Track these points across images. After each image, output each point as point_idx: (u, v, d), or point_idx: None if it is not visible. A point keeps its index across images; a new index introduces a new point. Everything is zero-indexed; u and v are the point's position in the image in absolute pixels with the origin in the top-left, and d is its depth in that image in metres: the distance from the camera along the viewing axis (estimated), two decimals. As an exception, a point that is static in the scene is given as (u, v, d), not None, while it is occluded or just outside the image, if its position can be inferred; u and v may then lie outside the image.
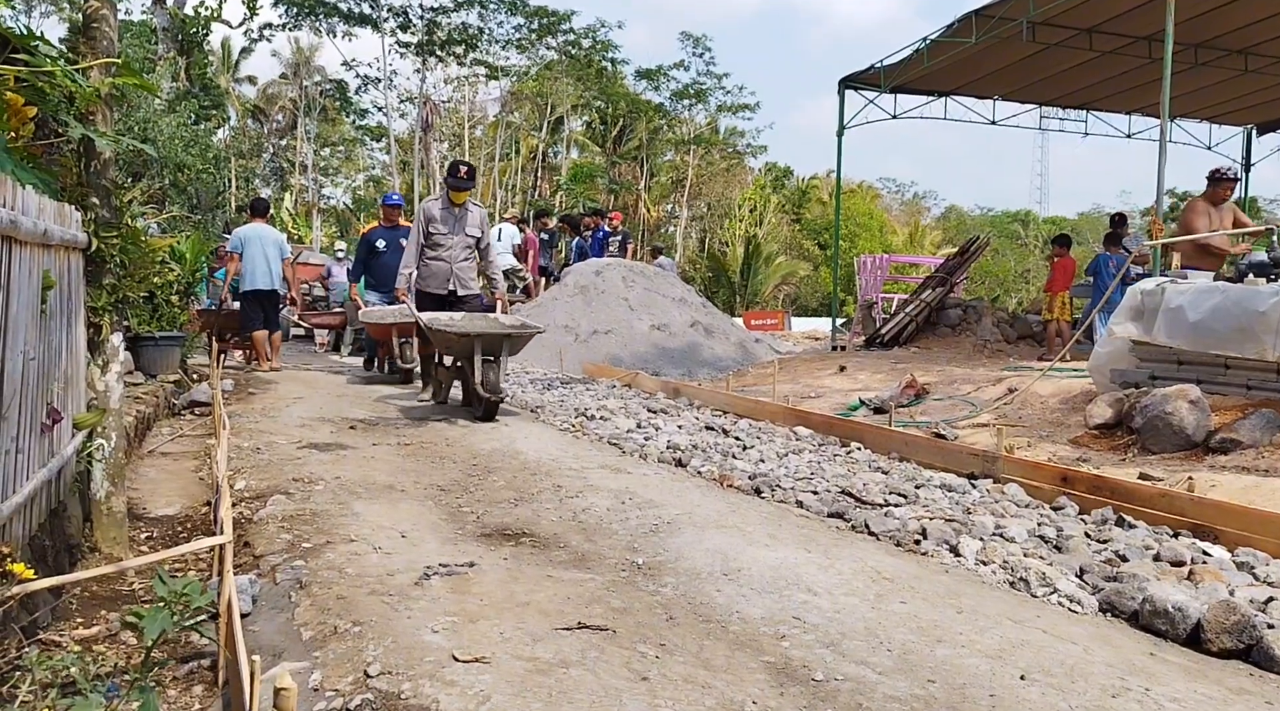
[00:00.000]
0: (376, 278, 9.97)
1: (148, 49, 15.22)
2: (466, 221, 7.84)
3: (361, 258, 10.11)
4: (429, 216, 7.78)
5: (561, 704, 2.25)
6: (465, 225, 7.83)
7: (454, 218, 7.80)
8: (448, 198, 7.82)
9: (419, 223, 7.82)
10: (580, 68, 32.22)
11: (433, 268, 7.86)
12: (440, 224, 7.75)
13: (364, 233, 10.19)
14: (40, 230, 2.77)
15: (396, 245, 9.59)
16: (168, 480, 5.04)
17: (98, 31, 3.66)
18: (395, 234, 9.85)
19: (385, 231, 10.12)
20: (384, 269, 9.76)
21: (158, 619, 1.74)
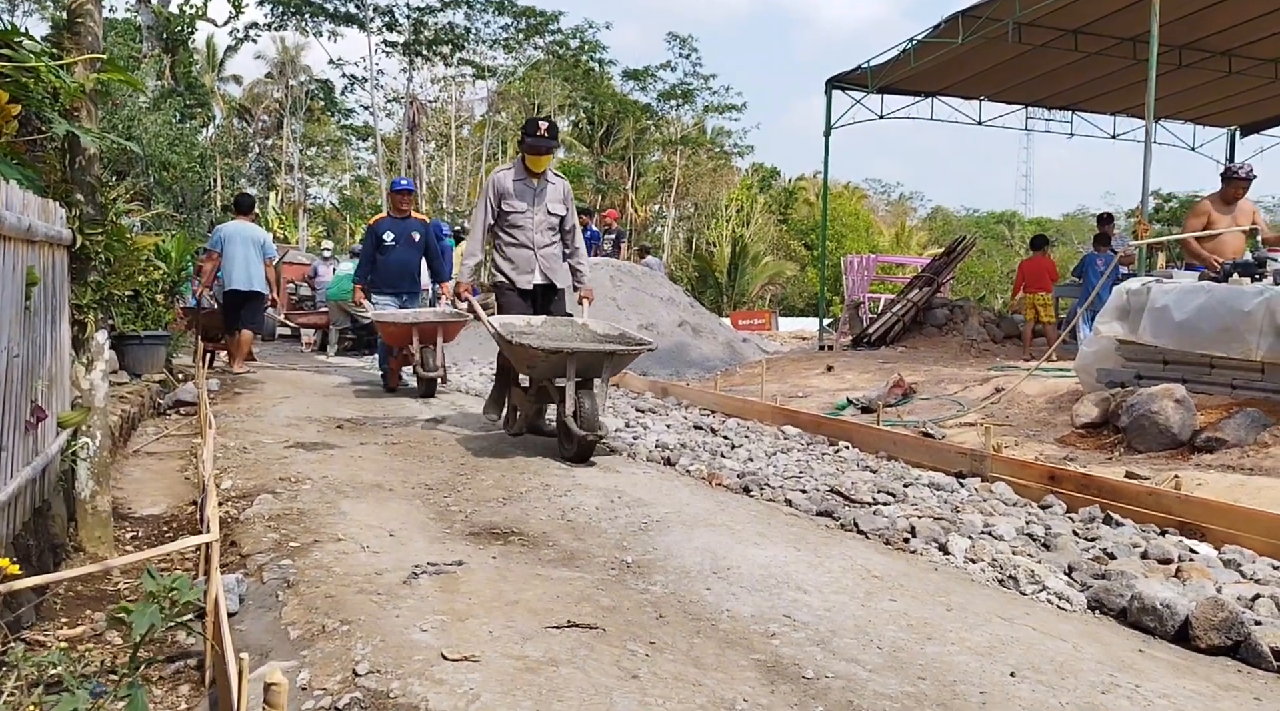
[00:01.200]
0: (382, 276, 8.90)
1: (132, 47, 15.14)
2: (547, 195, 6.32)
3: (369, 254, 8.91)
4: (500, 189, 6.21)
5: (551, 702, 2.24)
6: (546, 200, 6.32)
7: (532, 191, 6.26)
8: (523, 165, 6.25)
9: (486, 198, 6.27)
10: (567, 68, 32.20)
11: (510, 254, 6.30)
12: (516, 199, 6.20)
13: (370, 224, 9.14)
14: (25, 226, 2.74)
15: (406, 239, 8.87)
16: (153, 479, 5.00)
17: (82, 27, 3.62)
18: (405, 227, 8.92)
19: (393, 223, 8.97)
20: (391, 266, 8.85)
21: (146, 614, 1.72)
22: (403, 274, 8.97)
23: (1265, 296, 6.20)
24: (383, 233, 8.87)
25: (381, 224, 9.00)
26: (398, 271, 8.89)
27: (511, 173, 6.29)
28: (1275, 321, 6.08)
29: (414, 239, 8.94)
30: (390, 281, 8.89)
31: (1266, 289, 6.36)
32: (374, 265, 8.88)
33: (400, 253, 8.86)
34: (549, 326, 5.93)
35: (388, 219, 9.06)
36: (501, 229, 6.30)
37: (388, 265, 8.86)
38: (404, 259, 8.94)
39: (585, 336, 5.83)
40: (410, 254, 8.98)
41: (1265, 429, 5.77)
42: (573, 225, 6.47)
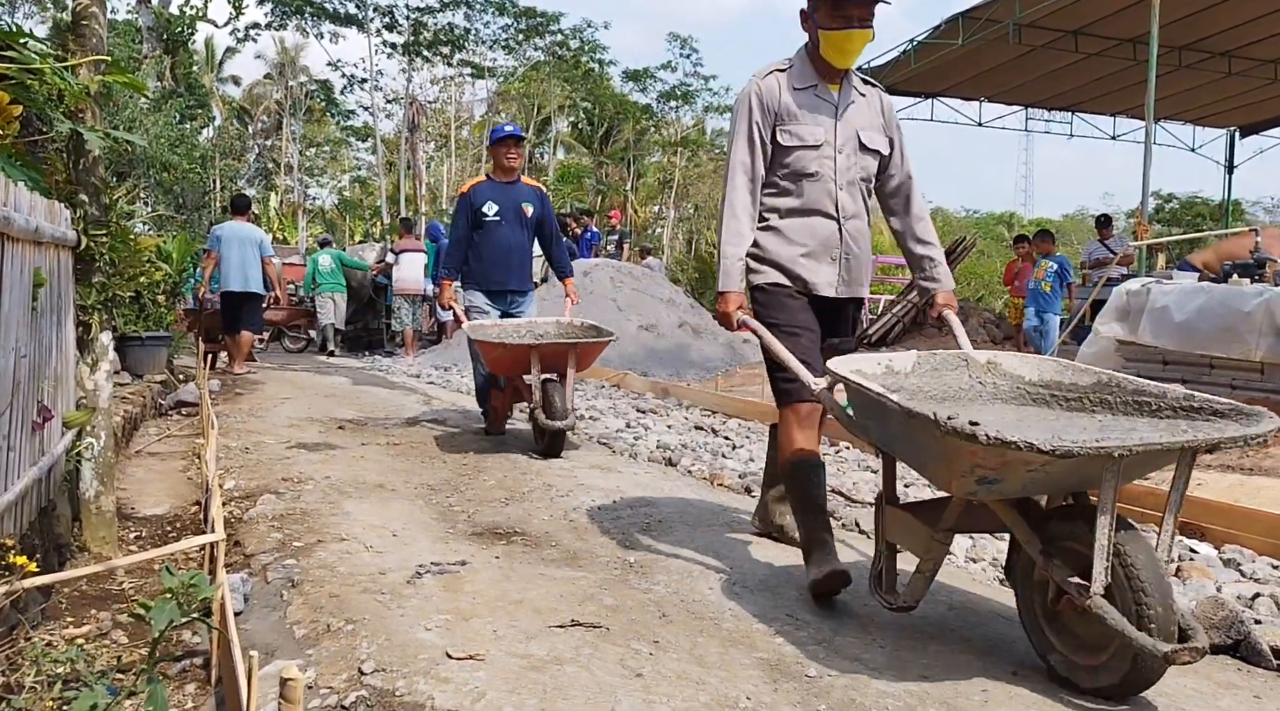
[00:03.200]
0: (481, 268, 6.31)
1: (133, 48, 15.15)
2: None
3: (462, 235, 6.30)
4: (771, 104, 3.40)
5: (556, 700, 2.25)
6: None
7: None
8: None
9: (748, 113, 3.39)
10: (567, 69, 32.20)
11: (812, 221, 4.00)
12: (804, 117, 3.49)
13: (463, 191, 6.44)
14: (32, 227, 2.76)
15: (515, 213, 6.30)
16: (156, 480, 5.02)
17: (87, 29, 3.65)
18: (514, 195, 6.33)
19: (497, 189, 6.33)
20: (494, 253, 6.26)
21: (165, 610, 1.73)
22: (510, 263, 6.32)
23: (1265, 297, 6.22)
24: (482, 203, 6.25)
25: (480, 191, 6.33)
26: (502, 260, 6.29)
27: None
28: (1275, 322, 6.10)
29: (525, 213, 6.33)
30: (491, 275, 6.30)
31: (1266, 290, 6.38)
32: (470, 251, 6.34)
33: (507, 232, 6.27)
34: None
35: (488, 183, 6.37)
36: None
37: (489, 250, 6.26)
38: (511, 242, 6.32)
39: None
40: (519, 235, 6.35)
41: (1265, 429, 5.78)
42: None
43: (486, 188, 6.32)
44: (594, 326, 6.00)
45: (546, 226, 6.50)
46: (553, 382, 5.52)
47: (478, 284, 6.33)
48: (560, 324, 6.10)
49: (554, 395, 5.45)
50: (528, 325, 6.02)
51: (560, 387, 5.48)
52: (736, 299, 3.37)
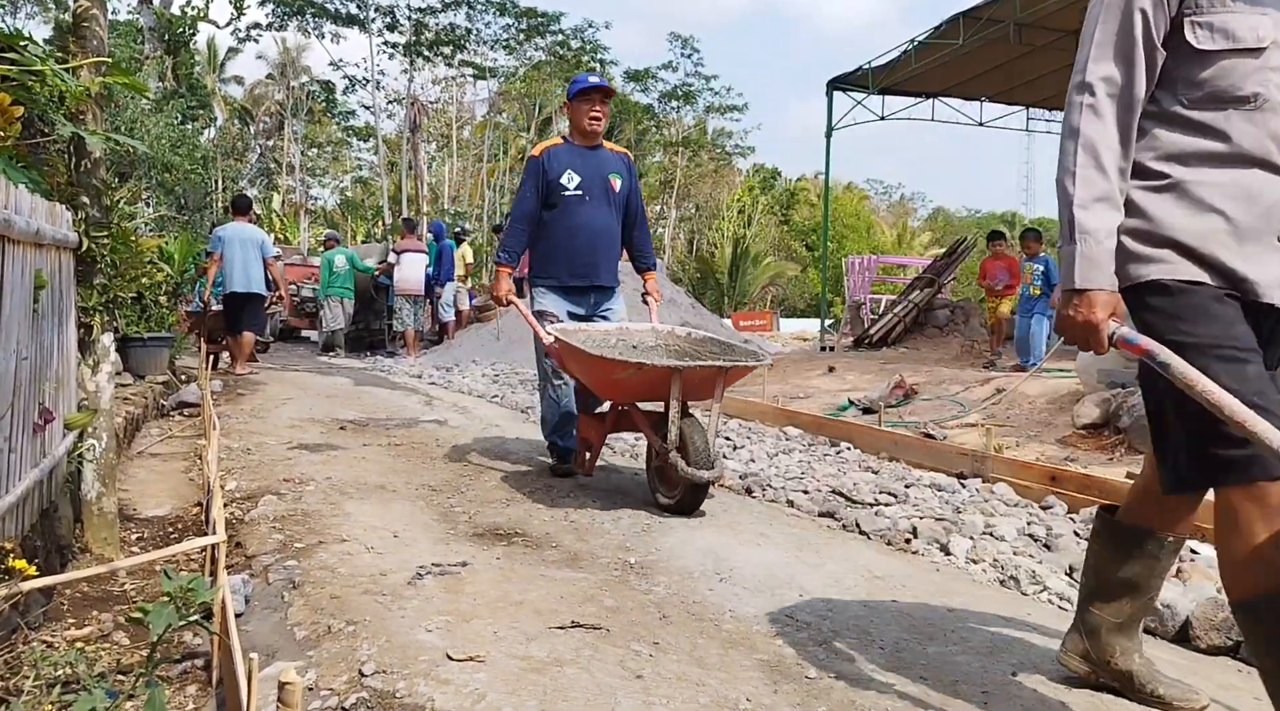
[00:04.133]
0: (556, 256, 5.02)
1: (134, 48, 15.17)
2: None
3: (529, 211, 4.98)
4: None
5: (557, 701, 2.25)
6: None
7: None
8: None
9: None
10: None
11: None
12: None
13: (534, 154, 5.07)
14: (33, 229, 2.76)
15: (601, 187, 5.01)
16: (157, 481, 5.02)
17: (88, 30, 3.65)
18: (598, 163, 5.03)
19: (576, 154, 5.02)
20: (574, 236, 4.96)
21: (164, 613, 1.74)
22: (595, 252, 5.01)
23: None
24: (559, 172, 4.93)
25: (557, 156, 4.98)
26: (586, 247, 4.97)
27: None
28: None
29: (612, 187, 5.02)
30: (572, 267, 5.00)
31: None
32: (539, 235, 5.03)
33: (592, 211, 4.96)
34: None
35: (565, 147, 5.03)
36: None
37: (569, 235, 4.95)
38: (598, 223, 4.98)
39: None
40: (607, 216, 5.03)
41: (1266, 429, 5.78)
42: None
43: (565, 153, 4.97)
44: (719, 341, 4.77)
45: (633, 204, 5.19)
46: (691, 418, 4.24)
47: (552, 278, 4.97)
48: (672, 334, 4.94)
49: (694, 435, 4.12)
50: (620, 332, 4.86)
51: (699, 424, 4.22)
52: (1109, 302, 1.99)
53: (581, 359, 4.35)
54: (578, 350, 4.31)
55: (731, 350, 4.58)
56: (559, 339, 4.51)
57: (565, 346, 4.45)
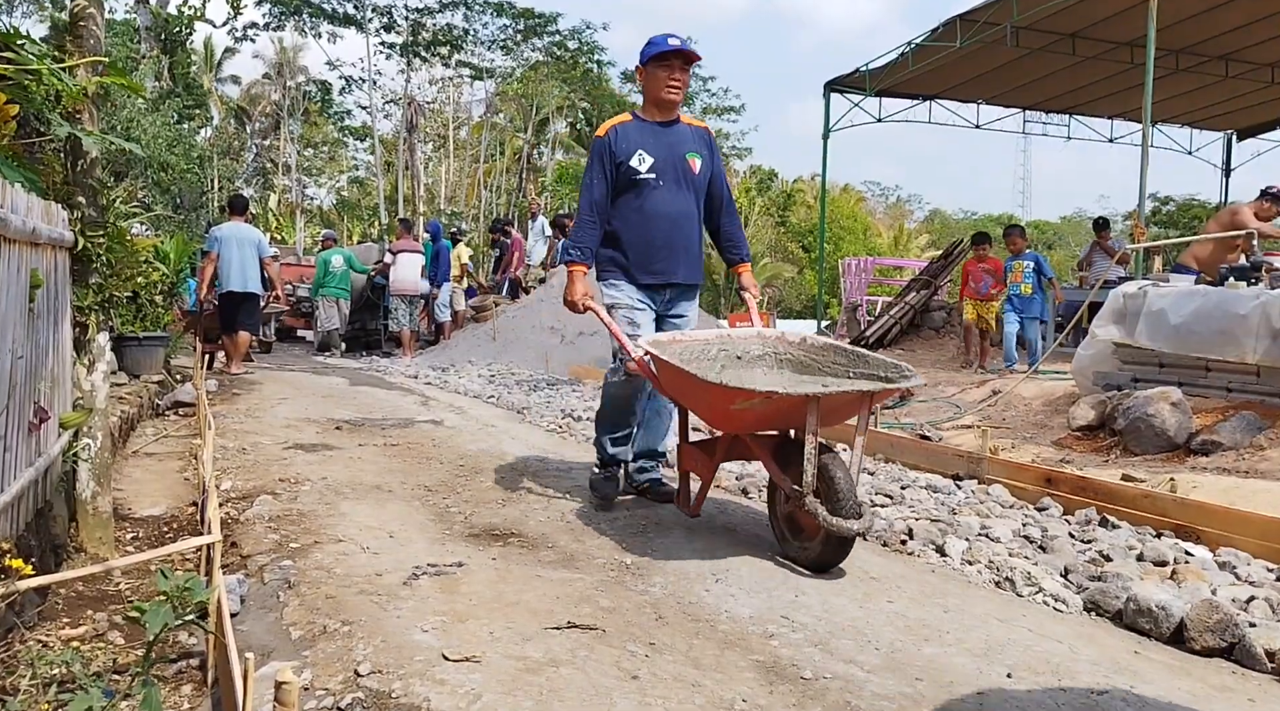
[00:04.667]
0: (634, 245, 4.33)
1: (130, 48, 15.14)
2: None
3: (598, 199, 4.33)
4: None
5: (552, 702, 2.25)
6: None
7: None
8: None
9: None
10: (566, 69, 32.21)
11: None
12: None
13: (601, 133, 4.38)
14: (29, 228, 2.76)
15: (680, 170, 4.34)
16: (152, 480, 5.01)
17: (85, 30, 3.65)
18: (677, 141, 4.37)
19: (648, 133, 4.35)
20: (652, 225, 4.32)
21: (160, 613, 1.74)
22: (673, 244, 4.35)
23: (1261, 300, 6.23)
24: (629, 154, 4.29)
25: (625, 134, 4.33)
26: (663, 239, 4.33)
27: None
28: (1271, 325, 6.11)
29: (691, 169, 4.36)
30: (647, 261, 4.34)
31: (1262, 293, 6.39)
32: (610, 225, 4.38)
33: (668, 198, 4.31)
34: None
35: (635, 124, 4.38)
36: None
37: (642, 225, 4.32)
38: (675, 211, 4.34)
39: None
40: (686, 202, 4.37)
41: (1260, 432, 5.80)
42: None
43: (635, 130, 4.32)
44: (843, 349, 3.93)
45: (718, 187, 4.47)
46: (831, 453, 3.46)
47: (622, 272, 4.36)
48: (783, 340, 4.15)
49: (836, 474, 3.36)
50: (721, 340, 4.10)
51: (841, 460, 3.45)
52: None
53: (685, 382, 3.50)
54: (681, 372, 3.46)
55: (864, 361, 3.74)
56: (652, 355, 3.70)
57: (664, 365, 3.60)
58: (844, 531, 3.27)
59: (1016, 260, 10.53)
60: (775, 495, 3.71)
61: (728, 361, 4.00)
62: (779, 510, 3.69)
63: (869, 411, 3.52)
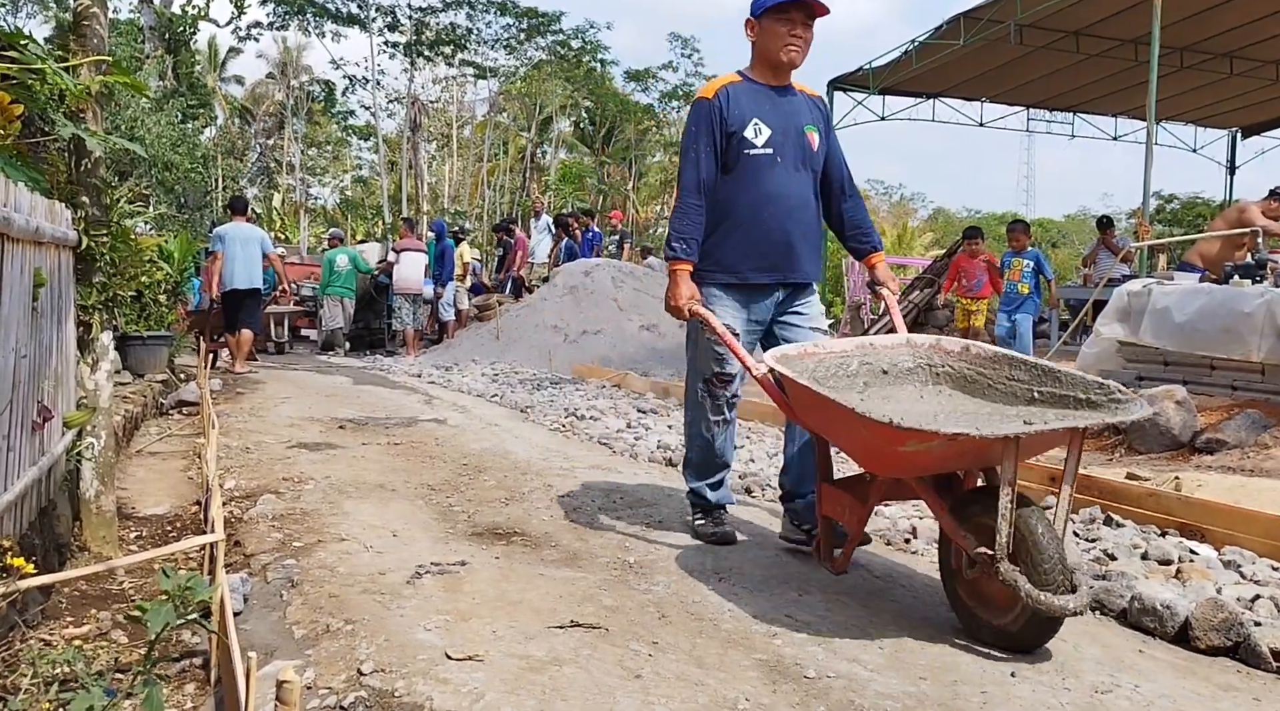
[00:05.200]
0: (739, 233, 3.63)
1: (135, 48, 15.16)
2: None
3: (703, 176, 3.60)
4: None
5: (555, 701, 2.25)
6: None
7: None
8: None
9: None
10: (569, 68, 32.21)
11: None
12: None
13: (705, 96, 3.62)
14: (33, 227, 2.76)
15: (796, 142, 3.64)
16: (156, 479, 5.02)
17: (88, 29, 3.65)
18: (793, 111, 3.68)
19: (765, 98, 3.65)
20: (763, 209, 3.61)
21: (162, 612, 1.74)
22: (788, 233, 3.64)
23: (1266, 298, 6.21)
24: (742, 123, 3.59)
25: (736, 98, 3.62)
26: (776, 225, 3.62)
27: None
28: (1276, 323, 6.09)
29: (810, 144, 3.67)
30: (756, 254, 3.64)
31: (1267, 291, 6.38)
32: (714, 209, 3.65)
33: (783, 177, 3.61)
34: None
35: (746, 86, 3.67)
36: None
37: (752, 208, 3.61)
38: (793, 192, 3.63)
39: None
40: (802, 183, 3.68)
41: (1265, 430, 5.79)
42: None
43: (747, 94, 3.59)
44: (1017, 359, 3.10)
45: (837, 167, 3.76)
46: (1030, 507, 2.73)
47: (728, 271, 3.62)
48: (939, 349, 3.32)
49: (1038, 534, 2.66)
50: (862, 350, 3.35)
51: (1043, 517, 2.74)
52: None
53: (829, 411, 2.84)
54: (824, 400, 2.77)
55: (1052, 378, 2.97)
56: (783, 376, 3.01)
57: (798, 390, 2.93)
58: (1054, 610, 2.54)
59: (1016, 257, 10.13)
60: (949, 552, 2.94)
61: (872, 377, 3.29)
62: (963, 575, 2.87)
63: (1079, 450, 2.75)
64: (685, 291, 3.53)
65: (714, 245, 3.64)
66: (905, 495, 3.24)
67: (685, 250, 3.56)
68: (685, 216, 3.59)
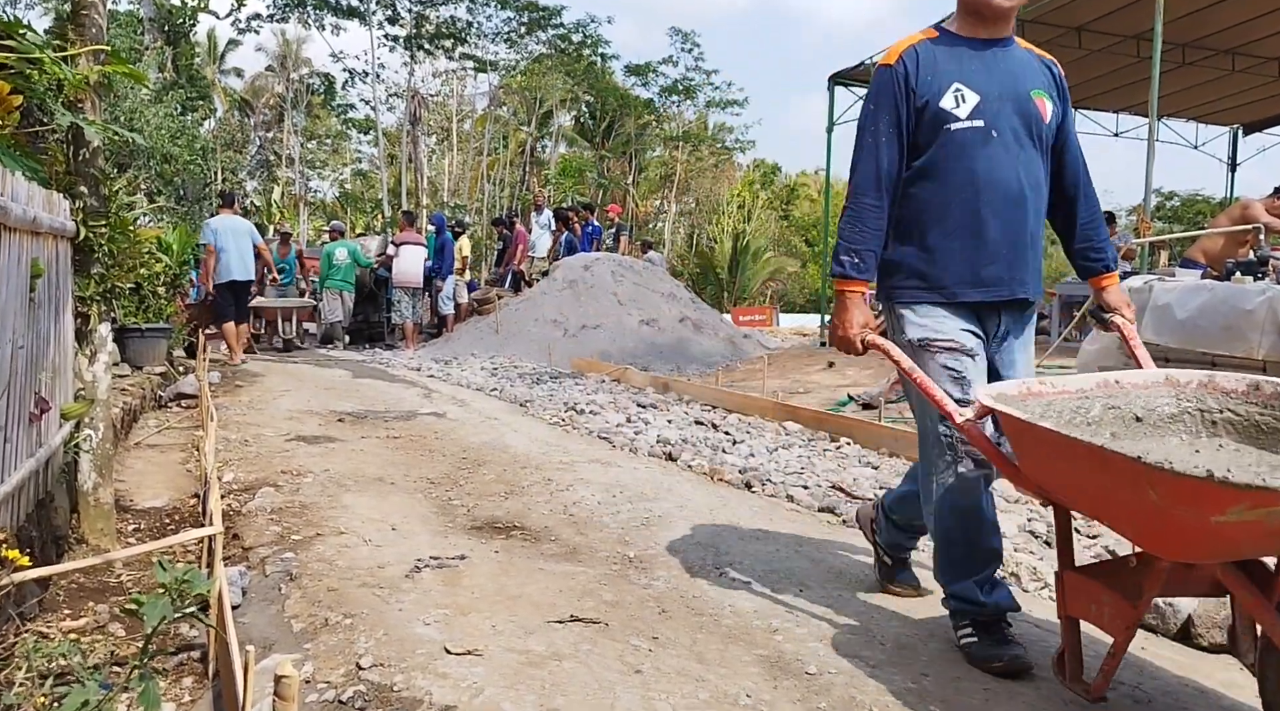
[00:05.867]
0: (947, 236, 2.72)
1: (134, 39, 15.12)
2: None
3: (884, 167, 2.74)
4: None
5: (555, 696, 2.24)
6: None
7: None
8: None
9: None
10: (569, 62, 32.14)
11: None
12: None
13: (888, 62, 2.75)
14: (30, 217, 2.74)
15: (1017, 113, 2.73)
16: (154, 472, 5.00)
17: (87, 19, 3.62)
18: (1013, 70, 2.78)
19: (971, 58, 2.73)
20: (966, 202, 2.69)
21: (158, 606, 1.72)
22: (1012, 235, 2.73)
23: (1268, 295, 6.20)
24: (939, 88, 2.71)
25: (928, 60, 2.75)
26: (994, 225, 2.71)
27: None
28: (1277, 320, 6.07)
29: (1040, 111, 2.81)
30: (966, 262, 2.73)
31: (1269, 287, 6.36)
32: (905, 203, 2.81)
33: (1002, 157, 2.71)
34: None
35: (944, 42, 2.79)
36: None
37: (960, 201, 2.72)
38: (1012, 179, 2.71)
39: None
40: (1032, 164, 2.77)
41: (1267, 427, 5.77)
42: None
43: (945, 54, 2.77)
44: None
45: (1071, 148, 2.94)
46: None
47: (927, 286, 2.78)
48: (1213, 387, 2.41)
49: None
50: (1105, 389, 2.48)
51: None
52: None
53: (1093, 470, 2.05)
54: (1087, 450, 1.99)
55: None
56: (1011, 422, 2.21)
57: (1039, 440, 2.16)
58: None
59: None
60: (1271, 661, 2.18)
61: (1121, 426, 2.41)
62: None
63: None
64: (857, 318, 2.78)
65: (905, 253, 2.81)
66: (1198, 588, 2.29)
67: (857, 266, 2.76)
68: (859, 221, 2.76)
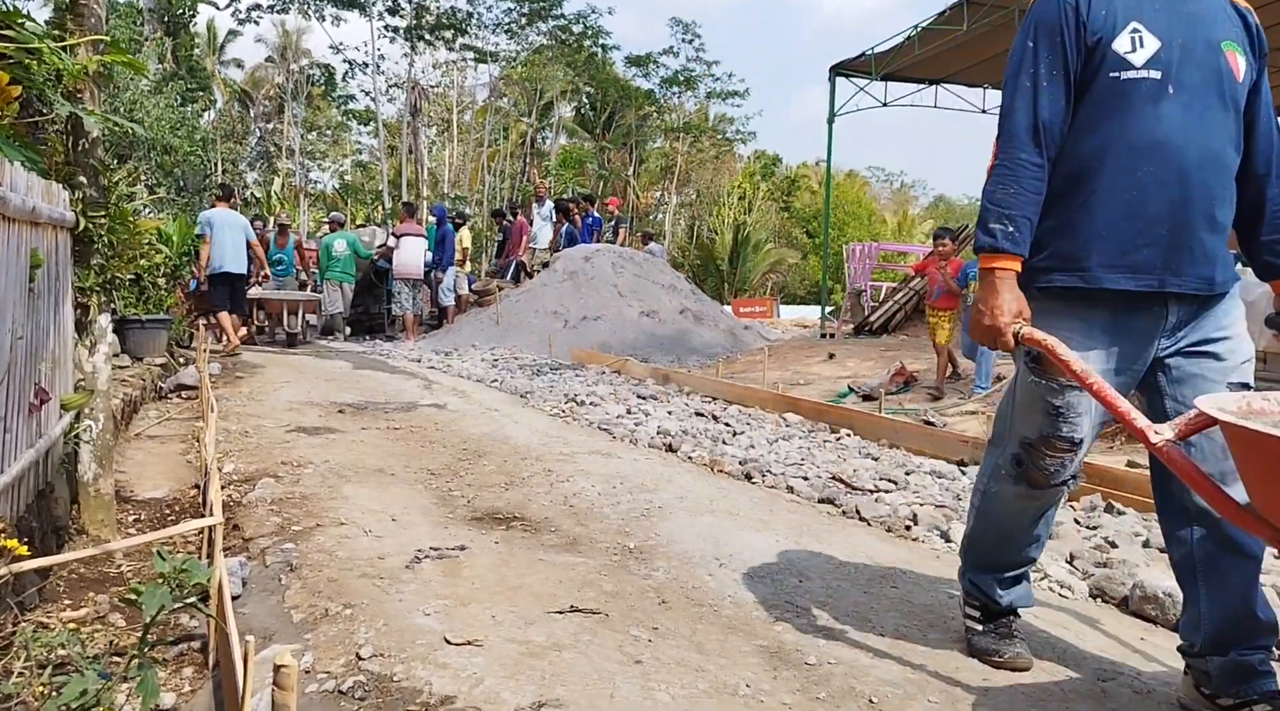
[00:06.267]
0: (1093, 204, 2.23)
1: (134, 29, 15.09)
2: None
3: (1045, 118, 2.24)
4: None
5: (555, 686, 2.24)
6: None
7: None
8: None
9: None
10: (570, 53, 32.07)
11: None
12: None
13: None
14: (29, 207, 2.74)
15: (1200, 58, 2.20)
16: (155, 463, 5.00)
17: (86, 9, 3.60)
18: (1196, 15, 2.22)
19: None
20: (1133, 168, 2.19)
21: (157, 595, 1.72)
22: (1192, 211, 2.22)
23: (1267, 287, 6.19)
24: (1113, 27, 2.22)
25: None
26: (1168, 195, 2.19)
27: None
28: (1278, 312, 6.07)
29: (1232, 65, 2.25)
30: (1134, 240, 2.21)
31: (1270, 279, 6.35)
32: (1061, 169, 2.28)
33: (1184, 116, 2.19)
34: None
35: None
36: None
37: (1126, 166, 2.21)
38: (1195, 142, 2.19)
39: None
40: (1220, 127, 2.24)
41: (1267, 419, 5.77)
42: None
43: None
44: None
45: (1265, 117, 2.36)
46: None
47: (1072, 268, 2.29)
48: None
49: None
50: None
51: None
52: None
53: None
54: None
55: None
56: (1245, 436, 1.61)
57: None
58: None
59: None
60: None
61: None
62: None
63: None
64: (1009, 305, 2.21)
65: (1055, 227, 2.31)
66: None
67: (1012, 237, 2.24)
68: (1012, 180, 2.26)
